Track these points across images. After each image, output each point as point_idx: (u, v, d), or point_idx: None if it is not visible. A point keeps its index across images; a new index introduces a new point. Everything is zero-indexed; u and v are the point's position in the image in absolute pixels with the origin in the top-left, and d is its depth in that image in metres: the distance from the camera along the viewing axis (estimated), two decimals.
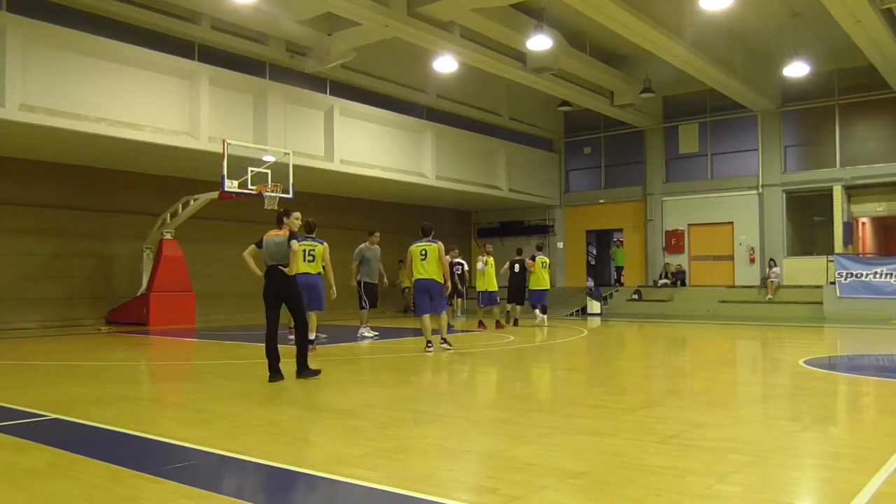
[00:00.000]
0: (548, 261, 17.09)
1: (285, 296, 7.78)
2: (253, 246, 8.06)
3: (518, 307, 16.74)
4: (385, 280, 13.80)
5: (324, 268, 10.65)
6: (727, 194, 23.25)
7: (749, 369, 10.17)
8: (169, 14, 15.49)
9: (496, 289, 15.98)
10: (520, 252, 17.09)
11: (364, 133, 19.15)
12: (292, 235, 7.80)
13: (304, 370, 7.78)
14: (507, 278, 16.75)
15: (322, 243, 10.55)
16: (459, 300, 16.34)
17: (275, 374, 7.66)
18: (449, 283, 11.13)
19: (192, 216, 16.90)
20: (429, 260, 10.41)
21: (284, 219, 7.92)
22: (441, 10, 15.41)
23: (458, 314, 16.02)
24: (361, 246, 13.11)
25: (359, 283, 13.16)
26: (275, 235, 7.87)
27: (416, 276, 10.50)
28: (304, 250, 10.09)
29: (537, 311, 16.47)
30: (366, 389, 7.68)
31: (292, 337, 12.49)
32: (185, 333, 15.20)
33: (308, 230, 10.42)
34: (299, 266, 9.64)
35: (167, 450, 4.76)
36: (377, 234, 13.28)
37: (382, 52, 18.47)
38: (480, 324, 15.74)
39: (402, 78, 20.55)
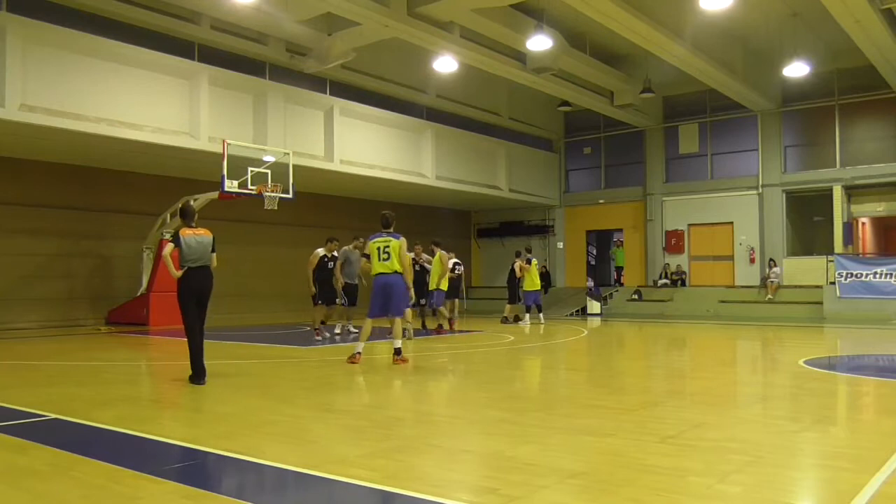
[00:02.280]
0: (536, 262, 18.38)
1: (207, 296, 7.47)
2: (171, 245, 7.47)
3: (510, 306, 18.07)
4: (363, 281, 13.83)
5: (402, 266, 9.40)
6: (727, 194, 23.24)
7: (749, 369, 10.17)
8: (169, 14, 15.51)
9: (445, 288, 14.88)
10: (518, 255, 18.23)
11: (364, 133, 19.15)
12: (213, 246, 7.49)
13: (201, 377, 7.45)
14: (507, 279, 18.42)
15: (398, 238, 9.14)
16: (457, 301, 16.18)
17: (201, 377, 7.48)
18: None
19: None
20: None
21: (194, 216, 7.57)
22: (441, 10, 15.40)
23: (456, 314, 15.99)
24: (346, 248, 13.59)
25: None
26: (193, 234, 7.37)
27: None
28: (379, 247, 9.08)
29: (529, 312, 17.67)
30: (366, 390, 7.67)
31: (319, 338, 12.58)
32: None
33: (384, 224, 9.22)
34: (374, 266, 9.16)
35: (167, 450, 4.76)
36: (361, 239, 13.37)
37: (382, 52, 18.48)
38: (440, 327, 14.91)
39: (402, 78, 20.55)
